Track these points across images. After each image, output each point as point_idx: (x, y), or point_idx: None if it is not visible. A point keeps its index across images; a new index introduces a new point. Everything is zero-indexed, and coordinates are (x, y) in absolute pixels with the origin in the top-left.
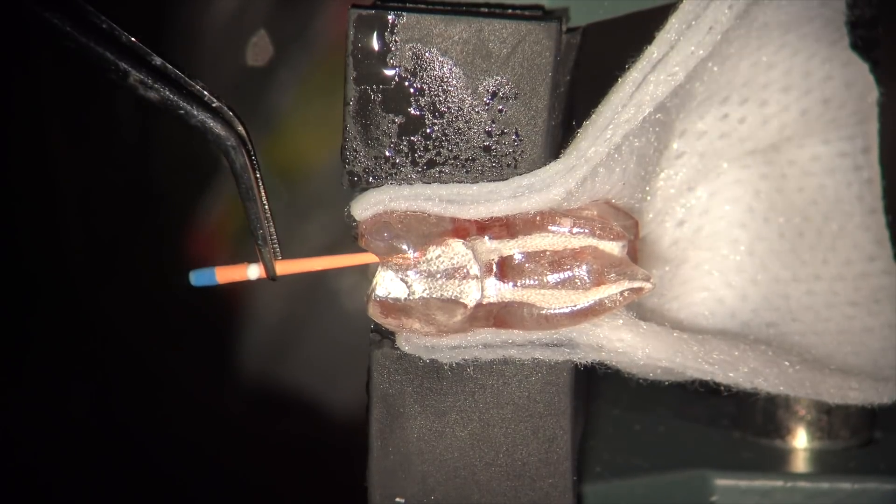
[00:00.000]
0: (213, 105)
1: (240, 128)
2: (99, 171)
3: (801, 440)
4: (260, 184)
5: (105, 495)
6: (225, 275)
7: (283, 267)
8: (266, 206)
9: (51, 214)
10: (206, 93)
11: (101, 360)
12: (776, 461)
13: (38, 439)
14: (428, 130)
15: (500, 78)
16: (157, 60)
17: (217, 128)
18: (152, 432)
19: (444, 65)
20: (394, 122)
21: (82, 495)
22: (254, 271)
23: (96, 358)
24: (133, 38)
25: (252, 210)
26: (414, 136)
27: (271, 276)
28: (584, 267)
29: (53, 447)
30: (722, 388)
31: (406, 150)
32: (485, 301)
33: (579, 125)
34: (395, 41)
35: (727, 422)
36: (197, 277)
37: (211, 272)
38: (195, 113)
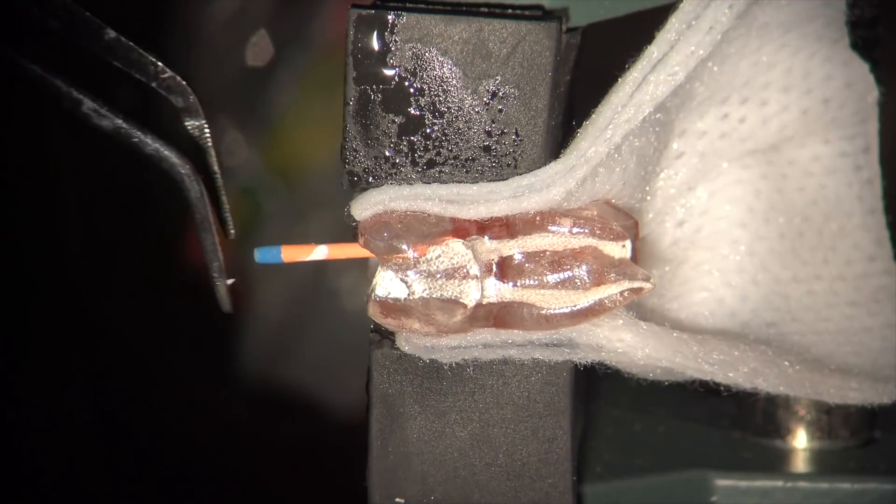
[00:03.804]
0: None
1: (207, 135)
2: (99, 171)
3: (801, 440)
4: (222, 209)
5: (105, 495)
6: (291, 254)
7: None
8: (216, 240)
9: (51, 214)
10: (160, 64)
11: (101, 360)
12: (776, 461)
13: (39, 439)
14: (428, 130)
15: (500, 78)
16: (111, 34)
17: (172, 156)
18: (152, 432)
19: (444, 65)
20: (394, 122)
21: (82, 495)
22: (321, 251)
23: (96, 358)
24: (86, 14)
25: (207, 241)
26: (414, 136)
27: (226, 311)
28: (584, 267)
29: (54, 447)
30: (722, 388)
31: (406, 150)
32: (485, 301)
33: (579, 125)
34: (395, 41)
35: (727, 422)
36: (261, 255)
37: (277, 250)
38: (149, 142)
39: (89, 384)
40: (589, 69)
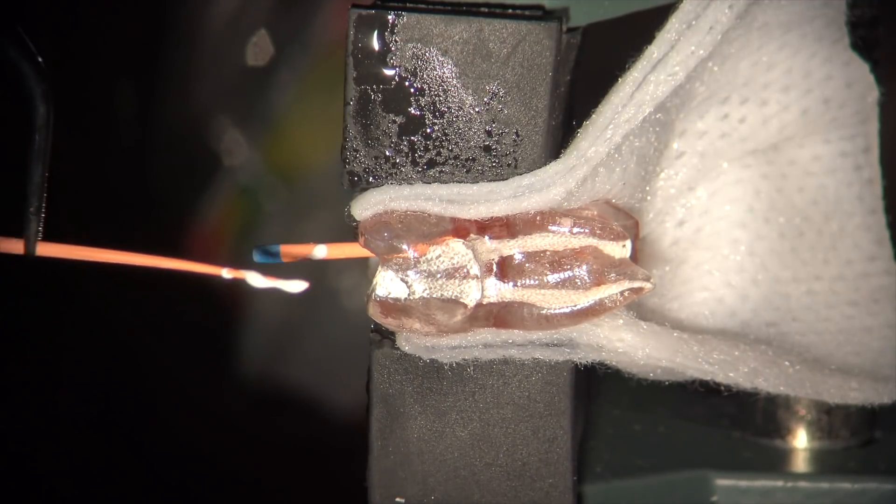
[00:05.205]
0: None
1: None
2: (99, 172)
3: (801, 440)
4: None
5: (105, 495)
6: (290, 253)
7: (47, 249)
8: (45, 175)
9: (50, 214)
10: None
11: (100, 360)
12: (776, 461)
13: (38, 439)
14: (428, 130)
15: (500, 78)
16: None
17: (30, 70)
18: (152, 432)
19: (444, 65)
20: (394, 122)
21: (82, 495)
22: (320, 251)
23: (96, 357)
24: None
25: (36, 174)
26: (414, 136)
27: (30, 253)
28: (584, 267)
29: (53, 447)
30: (722, 388)
31: (406, 149)
32: (485, 301)
33: (579, 125)
34: (395, 41)
35: (727, 422)
36: (260, 254)
37: (276, 250)
38: (8, 51)
39: (88, 383)
40: (589, 69)
